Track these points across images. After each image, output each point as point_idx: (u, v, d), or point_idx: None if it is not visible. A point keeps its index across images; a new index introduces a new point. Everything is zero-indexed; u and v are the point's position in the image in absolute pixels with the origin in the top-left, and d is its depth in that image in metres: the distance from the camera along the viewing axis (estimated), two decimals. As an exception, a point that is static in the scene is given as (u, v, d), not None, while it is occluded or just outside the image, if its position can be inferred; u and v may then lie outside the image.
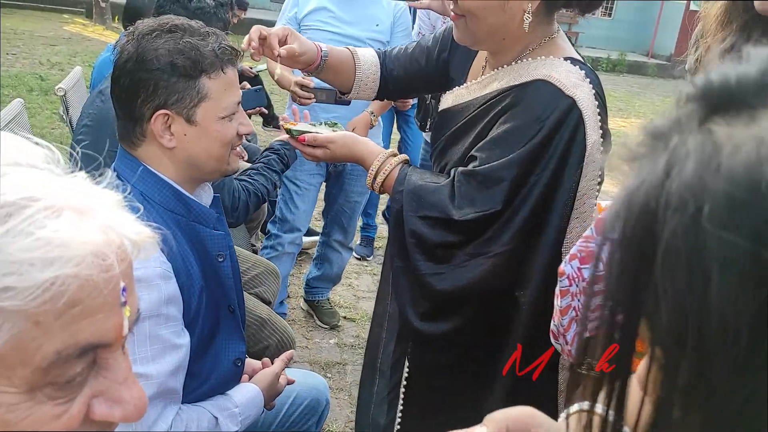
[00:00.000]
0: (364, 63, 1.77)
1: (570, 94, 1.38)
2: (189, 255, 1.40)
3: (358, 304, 3.79)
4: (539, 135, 1.38)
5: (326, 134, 1.60)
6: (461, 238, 1.45)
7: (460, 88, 1.63)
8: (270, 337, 2.30)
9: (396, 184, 1.53)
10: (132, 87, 1.33)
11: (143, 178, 1.38)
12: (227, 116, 1.40)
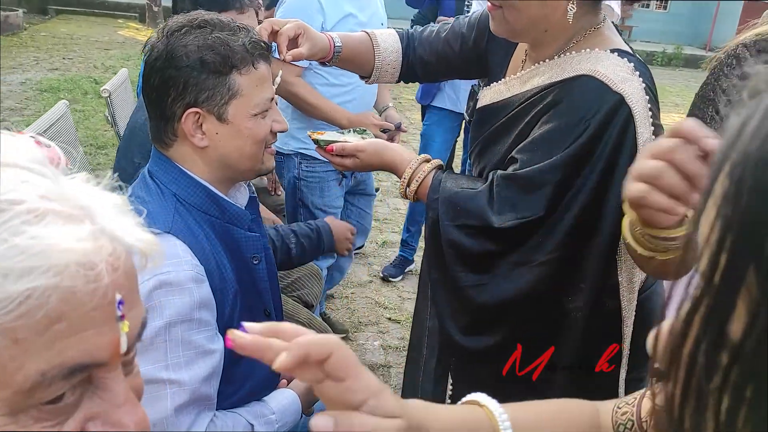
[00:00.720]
0: (384, 48, 1.69)
1: (618, 90, 1.28)
2: (223, 257, 1.35)
3: (403, 305, 3.72)
4: (584, 135, 1.28)
5: (355, 143, 1.53)
6: (503, 247, 1.36)
7: (498, 84, 1.54)
8: None
9: (430, 191, 1.45)
10: (162, 85, 1.29)
11: (176, 179, 1.35)
12: (260, 113, 1.35)
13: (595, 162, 1.29)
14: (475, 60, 1.66)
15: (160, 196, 1.33)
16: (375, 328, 3.49)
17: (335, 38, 1.63)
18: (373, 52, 1.69)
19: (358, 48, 1.67)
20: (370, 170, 1.57)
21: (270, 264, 1.47)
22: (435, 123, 3.75)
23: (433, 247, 1.45)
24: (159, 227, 1.27)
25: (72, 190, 0.54)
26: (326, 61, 1.64)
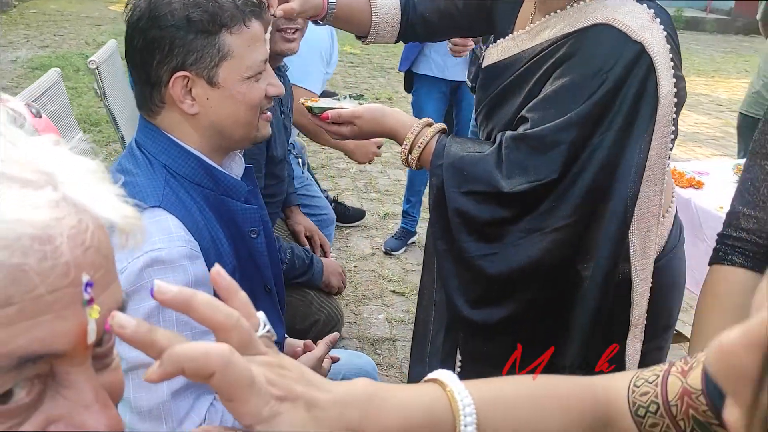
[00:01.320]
0: (381, 5, 1.59)
1: (637, 38, 1.18)
2: (219, 232, 1.27)
3: (407, 277, 3.65)
4: (602, 89, 1.19)
5: (351, 109, 1.42)
6: (513, 213, 1.27)
7: (505, 40, 1.44)
8: (318, 312, 2.20)
9: (434, 157, 1.35)
10: (146, 47, 1.20)
11: (166, 149, 1.26)
12: (253, 76, 1.26)
13: (613, 118, 1.20)
14: (480, 16, 1.57)
15: (149, 168, 1.24)
16: (379, 301, 3.42)
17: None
18: (370, 9, 1.59)
19: (353, 5, 1.57)
20: (368, 138, 1.47)
21: (269, 237, 1.39)
22: (424, 92, 3.63)
23: (438, 217, 1.36)
24: (149, 201, 1.19)
25: (34, 152, 0.45)
26: (319, 19, 1.53)
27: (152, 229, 1.16)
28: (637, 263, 1.29)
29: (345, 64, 8.32)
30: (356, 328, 3.19)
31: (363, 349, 3.02)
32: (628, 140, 1.20)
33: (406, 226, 3.96)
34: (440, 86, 3.59)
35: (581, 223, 1.23)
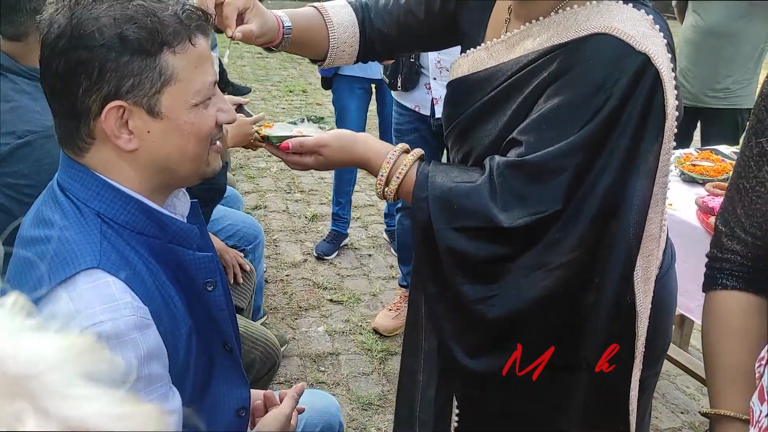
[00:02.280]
0: (338, 24, 1.41)
1: (642, 48, 1.06)
2: (170, 289, 1.07)
3: (342, 283, 3.49)
4: (607, 107, 1.06)
5: (316, 136, 1.24)
6: (513, 249, 1.13)
7: (478, 50, 1.29)
8: (252, 351, 1.96)
9: (416, 189, 1.19)
10: (69, 73, 0.97)
11: (99, 193, 1.04)
12: (202, 102, 1.05)
13: (619, 137, 1.08)
14: (444, 27, 1.41)
15: (79, 219, 1.02)
16: (317, 312, 3.24)
17: (283, 17, 1.32)
18: (327, 30, 1.40)
19: (308, 27, 1.38)
20: (335, 168, 1.30)
21: (225, 287, 1.19)
22: (345, 91, 3.46)
23: (426, 256, 1.20)
24: (84, 261, 0.97)
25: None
26: (274, 45, 1.33)
27: (91, 297, 0.95)
28: (640, 290, 1.19)
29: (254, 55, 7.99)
30: (296, 344, 3.00)
31: (305, 367, 2.85)
32: (636, 160, 1.09)
33: (338, 229, 3.78)
34: (362, 83, 3.44)
35: (588, 255, 1.11)
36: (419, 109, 2.80)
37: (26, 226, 1.07)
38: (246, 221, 2.70)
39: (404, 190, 1.22)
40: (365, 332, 3.08)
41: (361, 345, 3.00)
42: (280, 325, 3.12)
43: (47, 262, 0.98)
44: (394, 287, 3.43)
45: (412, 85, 2.80)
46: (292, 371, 2.82)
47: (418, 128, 2.85)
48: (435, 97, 2.71)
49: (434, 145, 2.88)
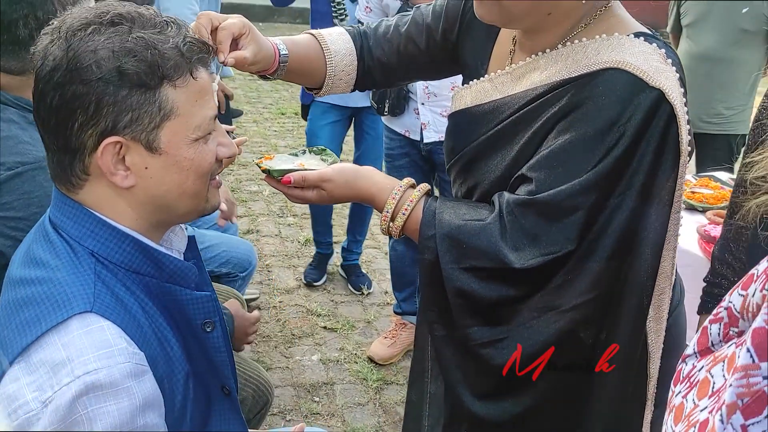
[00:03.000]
0: (335, 52, 1.38)
1: (656, 84, 1.03)
2: (167, 331, 1.02)
3: (337, 310, 3.43)
4: (621, 144, 1.03)
5: (319, 171, 1.21)
6: (524, 290, 1.09)
7: (481, 81, 1.26)
8: (244, 389, 1.87)
9: (423, 227, 1.15)
10: (64, 107, 0.93)
11: (93, 231, 0.99)
12: (202, 137, 1.02)
13: (633, 175, 1.04)
14: (445, 57, 1.38)
15: (72, 258, 0.98)
16: (311, 339, 3.18)
17: (279, 44, 1.28)
18: (324, 58, 1.36)
19: (305, 55, 1.34)
20: (337, 202, 1.26)
21: (224, 328, 1.15)
22: (318, 118, 3.31)
23: (433, 296, 1.16)
24: (77, 305, 0.92)
25: None
26: (269, 74, 1.29)
27: (84, 343, 0.90)
28: (652, 330, 1.15)
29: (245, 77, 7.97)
30: (289, 373, 2.93)
31: (299, 397, 2.78)
32: (650, 199, 1.06)
33: (321, 251, 3.69)
34: (339, 111, 3.29)
35: (602, 297, 1.08)
36: (409, 134, 2.78)
37: (16, 266, 1.02)
38: (240, 247, 2.65)
39: (410, 227, 1.18)
40: (360, 361, 3.02)
41: (356, 374, 2.94)
42: (273, 353, 3.05)
43: (38, 305, 0.93)
44: (389, 314, 3.37)
45: (400, 111, 2.77)
46: (286, 402, 2.75)
47: (409, 153, 2.82)
48: (423, 122, 2.69)
49: (425, 170, 2.85)
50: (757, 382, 0.66)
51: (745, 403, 0.66)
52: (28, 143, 1.38)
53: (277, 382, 2.85)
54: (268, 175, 1.22)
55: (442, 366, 1.18)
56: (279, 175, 1.21)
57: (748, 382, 0.66)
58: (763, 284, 0.68)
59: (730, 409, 0.67)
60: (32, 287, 0.95)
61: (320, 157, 1.29)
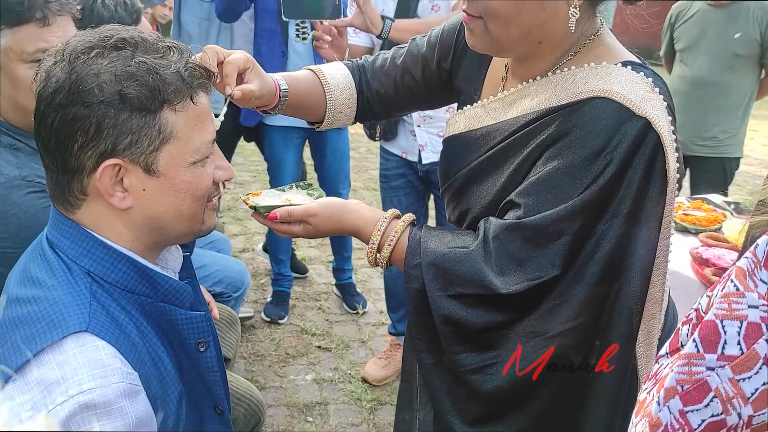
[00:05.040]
0: (335, 86, 1.40)
1: (642, 113, 1.05)
2: (161, 351, 1.03)
3: (331, 330, 3.43)
4: (607, 171, 1.04)
5: (304, 206, 1.23)
6: (512, 315, 1.10)
7: (474, 107, 1.28)
8: (236, 408, 1.87)
9: (409, 256, 1.16)
10: (65, 128, 0.95)
11: (89, 251, 1.01)
12: (200, 161, 1.03)
13: (620, 202, 1.05)
14: (440, 85, 1.41)
15: (68, 278, 0.99)
16: (305, 359, 3.18)
17: (279, 80, 1.31)
18: (323, 92, 1.39)
19: (305, 89, 1.37)
20: (324, 236, 1.27)
21: (218, 348, 1.15)
22: (280, 143, 3.20)
23: (421, 325, 1.16)
24: (72, 324, 0.93)
25: None
26: (269, 109, 1.31)
27: (79, 362, 0.91)
28: (642, 356, 1.16)
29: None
30: (283, 393, 2.92)
31: (293, 417, 2.77)
32: (637, 226, 1.07)
33: (283, 288, 3.51)
34: (298, 132, 3.21)
35: (590, 323, 1.08)
36: (406, 155, 2.79)
37: (12, 284, 1.03)
38: (234, 267, 2.65)
39: (397, 257, 1.19)
40: (354, 380, 3.02)
41: (350, 394, 2.93)
42: (267, 372, 3.05)
43: (34, 324, 0.94)
44: (383, 334, 3.37)
45: (392, 135, 2.78)
46: (279, 421, 2.74)
47: (405, 173, 2.84)
48: (421, 143, 2.70)
49: (420, 190, 2.86)
50: (699, 372, 0.70)
51: (686, 390, 0.71)
52: None
53: (270, 401, 2.85)
54: (255, 211, 1.24)
55: (431, 394, 1.18)
56: (265, 211, 1.23)
57: (690, 370, 0.71)
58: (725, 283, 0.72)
59: (669, 392, 0.71)
60: (28, 306, 0.96)
61: (307, 192, 1.32)
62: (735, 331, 0.69)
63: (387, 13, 2.46)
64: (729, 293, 0.71)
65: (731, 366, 0.70)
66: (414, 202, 2.85)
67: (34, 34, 1.39)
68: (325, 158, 3.34)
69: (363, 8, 2.25)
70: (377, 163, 3.01)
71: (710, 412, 0.71)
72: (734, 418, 0.71)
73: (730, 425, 0.71)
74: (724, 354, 0.70)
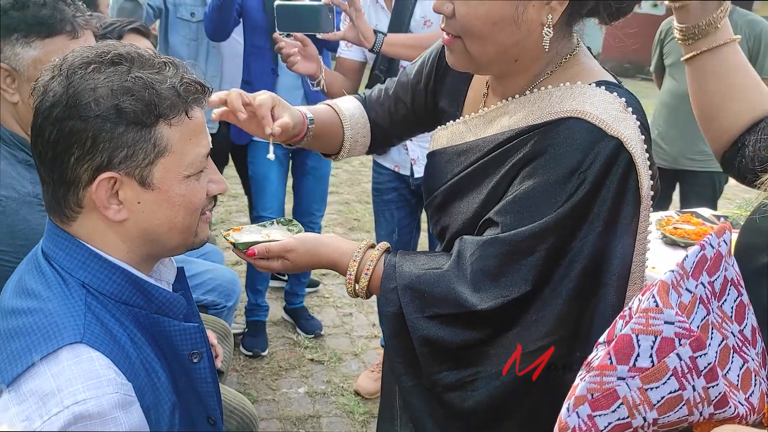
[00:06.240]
0: (350, 118, 1.46)
1: (614, 133, 1.06)
2: (154, 362, 1.04)
3: (324, 343, 3.43)
4: (581, 191, 1.06)
5: (282, 242, 1.25)
6: (489, 332, 1.11)
7: (457, 123, 1.30)
8: (228, 421, 1.87)
9: (384, 281, 1.17)
10: (61, 141, 0.96)
11: (84, 263, 1.02)
12: (194, 174, 1.05)
13: (593, 221, 1.07)
14: (430, 109, 1.44)
15: (63, 289, 1.00)
16: (297, 372, 3.18)
17: (305, 111, 1.37)
18: (341, 123, 1.44)
19: (326, 120, 1.43)
20: (303, 270, 1.30)
21: (211, 359, 1.16)
22: (264, 159, 3.12)
23: (399, 348, 1.17)
24: (67, 336, 0.94)
25: None
26: (299, 139, 1.37)
27: (73, 373, 0.92)
28: None
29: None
30: (275, 406, 2.92)
31: (285, 430, 2.77)
32: (612, 243, 1.08)
33: (258, 318, 3.40)
34: (282, 149, 3.18)
35: (566, 338, 1.09)
36: (398, 169, 2.81)
37: (7, 296, 1.04)
38: (226, 276, 2.66)
39: (374, 285, 1.21)
40: (347, 393, 3.02)
41: (342, 407, 2.93)
42: (260, 385, 3.05)
43: (29, 335, 0.95)
44: (376, 346, 3.38)
45: (383, 150, 2.81)
46: (271, 435, 2.74)
47: (397, 187, 2.86)
48: (413, 157, 2.73)
49: (412, 203, 2.88)
50: (610, 381, 0.76)
51: (595, 397, 0.77)
52: (14, 178, 1.40)
53: (263, 414, 2.84)
54: (235, 247, 1.27)
55: (412, 416, 1.19)
56: (244, 248, 1.26)
57: (602, 380, 0.77)
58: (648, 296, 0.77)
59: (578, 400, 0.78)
60: (23, 318, 0.97)
61: (287, 227, 1.35)
62: (648, 345, 0.75)
63: (380, 27, 2.48)
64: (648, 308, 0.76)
65: (641, 377, 0.75)
66: (406, 216, 2.87)
67: (63, 46, 1.42)
68: (305, 176, 3.31)
69: (356, 22, 2.27)
70: (370, 176, 3.02)
71: (617, 416, 0.76)
72: (639, 421, 0.76)
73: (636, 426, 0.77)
74: (636, 366, 0.75)
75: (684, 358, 0.76)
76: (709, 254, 0.86)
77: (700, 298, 0.84)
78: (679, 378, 0.76)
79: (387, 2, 2.55)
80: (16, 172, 1.43)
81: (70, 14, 1.45)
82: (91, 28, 1.52)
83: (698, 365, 0.76)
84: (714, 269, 0.87)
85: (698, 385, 0.77)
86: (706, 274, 0.86)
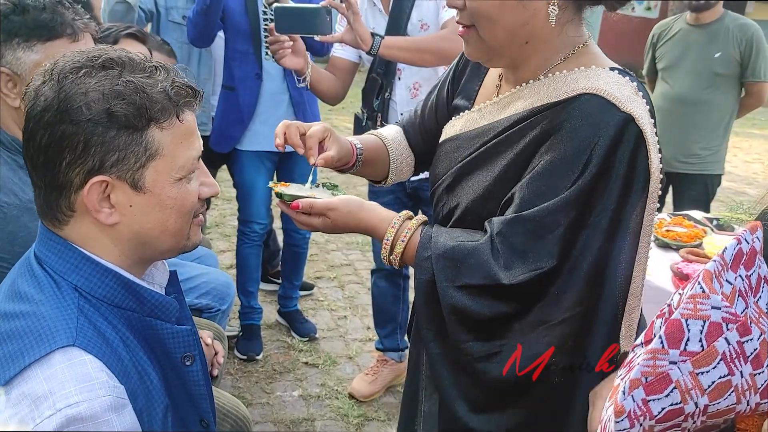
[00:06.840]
0: (392, 141, 1.55)
1: (626, 109, 1.10)
2: (146, 364, 1.04)
3: (318, 346, 3.43)
4: (594, 161, 1.09)
5: (325, 200, 1.28)
6: (516, 306, 1.14)
7: (470, 112, 1.35)
8: (222, 424, 1.86)
9: (420, 249, 1.21)
10: (53, 145, 0.97)
11: (77, 266, 1.02)
12: (185, 176, 1.05)
13: (608, 193, 1.10)
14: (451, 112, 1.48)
15: (56, 293, 1.00)
16: (291, 375, 3.18)
17: (354, 141, 1.45)
18: (387, 151, 1.52)
19: (374, 147, 1.50)
20: (341, 232, 1.33)
21: (203, 361, 1.17)
22: (251, 167, 3.12)
23: (429, 315, 1.21)
24: (60, 339, 0.94)
25: None
26: (349, 167, 1.45)
27: (66, 376, 0.92)
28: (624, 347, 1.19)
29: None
30: (269, 409, 2.92)
31: (279, 434, 2.77)
32: (622, 219, 1.11)
33: (252, 322, 3.35)
34: (270, 157, 3.17)
35: (584, 312, 1.13)
36: None
37: (0, 300, 1.04)
38: (219, 279, 2.66)
39: (409, 254, 1.24)
40: (341, 396, 3.02)
41: (337, 410, 2.93)
42: (254, 388, 3.05)
43: (22, 338, 0.95)
44: (370, 350, 3.38)
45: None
46: (265, 438, 2.74)
47: (394, 190, 2.87)
48: None
49: (409, 206, 2.89)
50: (663, 365, 0.78)
51: (649, 381, 0.79)
52: (16, 184, 1.41)
53: (257, 417, 2.84)
54: (279, 198, 1.29)
55: (438, 383, 1.22)
56: (289, 200, 1.27)
57: (655, 363, 0.79)
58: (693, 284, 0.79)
59: (633, 383, 0.80)
60: (16, 321, 0.97)
61: (332, 192, 1.36)
62: (698, 330, 0.77)
63: (377, 30, 2.49)
64: (695, 294, 0.78)
65: (692, 361, 0.77)
66: None
67: (64, 49, 1.43)
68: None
69: (353, 25, 2.28)
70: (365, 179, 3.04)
71: (670, 401, 0.78)
72: (691, 407, 0.78)
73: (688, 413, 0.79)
74: (687, 350, 0.77)
75: (732, 343, 0.78)
76: (745, 249, 0.88)
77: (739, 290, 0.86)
78: (728, 363, 0.78)
79: (384, 5, 2.56)
80: (18, 178, 1.43)
81: (69, 17, 1.47)
82: (90, 31, 1.53)
83: (745, 350, 0.79)
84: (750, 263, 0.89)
85: (746, 372, 0.78)
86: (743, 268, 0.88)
